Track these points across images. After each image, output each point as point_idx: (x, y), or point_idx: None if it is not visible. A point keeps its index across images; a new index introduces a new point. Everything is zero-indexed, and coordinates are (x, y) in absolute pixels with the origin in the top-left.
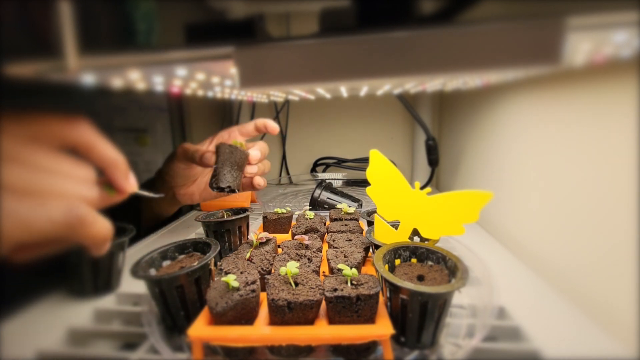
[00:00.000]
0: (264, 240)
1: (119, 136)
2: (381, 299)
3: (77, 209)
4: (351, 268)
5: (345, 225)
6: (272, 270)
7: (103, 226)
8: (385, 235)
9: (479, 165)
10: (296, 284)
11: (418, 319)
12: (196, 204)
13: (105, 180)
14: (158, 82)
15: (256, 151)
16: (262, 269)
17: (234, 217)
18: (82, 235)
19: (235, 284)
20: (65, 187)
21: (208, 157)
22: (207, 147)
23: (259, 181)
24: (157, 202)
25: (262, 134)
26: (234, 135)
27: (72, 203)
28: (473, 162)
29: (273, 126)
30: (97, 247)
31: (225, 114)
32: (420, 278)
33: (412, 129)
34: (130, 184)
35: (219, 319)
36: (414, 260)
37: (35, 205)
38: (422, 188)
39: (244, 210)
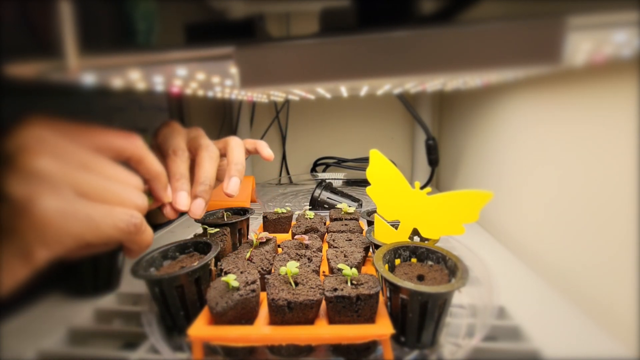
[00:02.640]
0: (264, 240)
1: None
2: (381, 298)
3: (137, 217)
4: (351, 268)
5: (345, 225)
6: (272, 270)
7: (150, 234)
8: (385, 235)
9: (479, 165)
10: (296, 284)
11: (418, 318)
12: None
13: (147, 190)
14: (158, 82)
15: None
16: (262, 268)
17: (234, 219)
18: (136, 241)
19: (235, 283)
20: (126, 195)
21: (163, 211)
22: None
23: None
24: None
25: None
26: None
27: (133, 212)
28: (473, 162)
29: (267, 152)
30: (140, 252)
31: (225, 114)
32: (420, 278)
33: (412, 129)
34: (168, 195)
35: (219, 318)
36: (414, 260)
37: (104, 211)
38: (422, 188)
39: (245, 210)
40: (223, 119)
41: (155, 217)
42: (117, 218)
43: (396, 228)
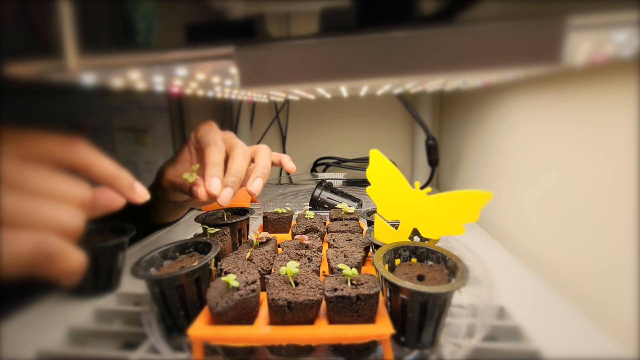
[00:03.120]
0: (264, 240)
1: (119, 136)
2: (381, 298)
3: (49, 243)
4: (351, 268)
5: (345, 225)
6: (272, 270)
7: (76, 261)
8: (385, 235)
9: (479, 165)
10: (296, 284)
11: (418, 318)
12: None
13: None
14: (158, 82)
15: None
16: (262, 268)
17: (234, 219)
18: (51, 270)
19: (235, 283)
20: (48, 215)
21: (195, 192)
22: (189, 156)
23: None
24: (164, 208)
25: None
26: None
27: (46, 237)
28: (473, 162)
29: (290, 166)
30: (66, 281)
31: (225, 114)
32: (420, 278)
33: (412, 129)
34: (139, 194)
35: (219, 318)
36: (414, 260)
37: (3, 237)
38: (422, 188)
39: (245, 210)
40: (223, 119)
41: (163, 216)
42: (18, 246)
43: (396, 228)
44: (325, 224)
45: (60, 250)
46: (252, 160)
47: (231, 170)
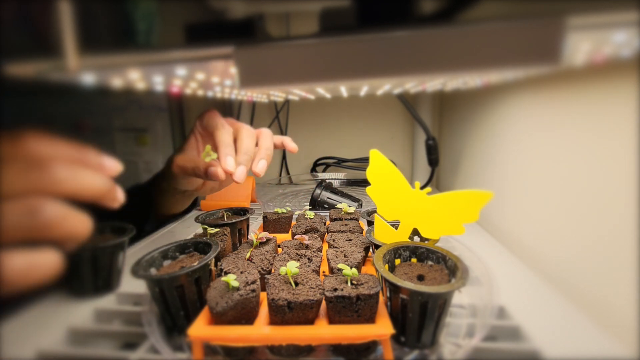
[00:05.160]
0: (264, 240)
1: (119, 136)
2: (381, 298)
3: (41, 211)
4: (351, 268)
5: (345, 225)
6: (272, 270)
7: (77, 222)
8: (385, 235)
9: (479, 165)
10: (296, 284)
11: (418, 318)
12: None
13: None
14: (158, 82)
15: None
16: (262, 268)
17: (234, 219)
18: (51, 236)
19: (235, 283)
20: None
21: (213, 172)
22: (195, 143)
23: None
24: (171, 199)
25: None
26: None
27: (35, 203)
28: (473, 162)
29: (292, 146)
30: (72, 244)
31: (225, 114)
32: (420, 278)
33: (412, 129)
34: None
35: (219, 318)
36: (414, 260)
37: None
38: (422, 188)
39: (245, 210)
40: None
41: (170, 207)
42: (9, 216)
43: (396, 228)
44: (325, 224)
45: (58, 215)
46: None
47: (241, 149)
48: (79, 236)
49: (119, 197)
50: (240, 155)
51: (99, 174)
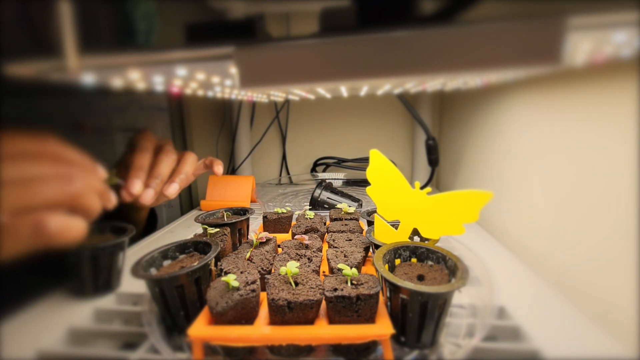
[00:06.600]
0: (264, 240)
1: (119, 136)
2: (381, 298)
3: (46, 225)
4: (351, 268)
5: (345, 225)
6: (272, 270)
7: (75, 229)
8: (385, 235)
9: (479, 165)
10: (296, 284)
11: (418, 318)
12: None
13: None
14: (158, 82)
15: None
16: (262, 268)
17: (234, 219)
18: (55, 243)
19: (235, 283)
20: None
21: (121, 194)
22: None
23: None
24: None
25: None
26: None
27: (40, 219)
28: (473, 162)
29: (218, 167)
30: (71, 244)
31: (225, 114)
32: (420, 278)
33: (412, 129)
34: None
35: (219, 318)
36: (414, 260)
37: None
38: (422, 188)
39: (245, 210)
40: (223, 119)
41: (133, 220)
42: (19, 232)
43: (396, 228)
44: (325, 224)
45: (59, 226)
46: None
47: (153, 173)
48: (77, 240)
49: (112, 198)
50: (151, 180)
51: (100, 179)
